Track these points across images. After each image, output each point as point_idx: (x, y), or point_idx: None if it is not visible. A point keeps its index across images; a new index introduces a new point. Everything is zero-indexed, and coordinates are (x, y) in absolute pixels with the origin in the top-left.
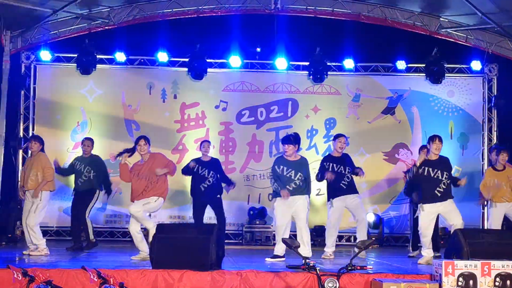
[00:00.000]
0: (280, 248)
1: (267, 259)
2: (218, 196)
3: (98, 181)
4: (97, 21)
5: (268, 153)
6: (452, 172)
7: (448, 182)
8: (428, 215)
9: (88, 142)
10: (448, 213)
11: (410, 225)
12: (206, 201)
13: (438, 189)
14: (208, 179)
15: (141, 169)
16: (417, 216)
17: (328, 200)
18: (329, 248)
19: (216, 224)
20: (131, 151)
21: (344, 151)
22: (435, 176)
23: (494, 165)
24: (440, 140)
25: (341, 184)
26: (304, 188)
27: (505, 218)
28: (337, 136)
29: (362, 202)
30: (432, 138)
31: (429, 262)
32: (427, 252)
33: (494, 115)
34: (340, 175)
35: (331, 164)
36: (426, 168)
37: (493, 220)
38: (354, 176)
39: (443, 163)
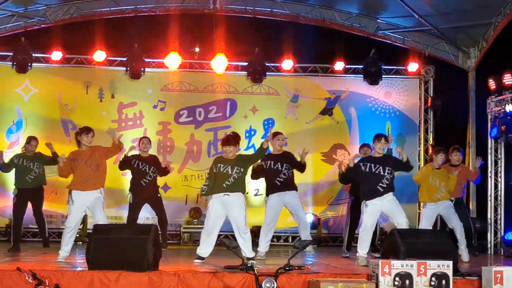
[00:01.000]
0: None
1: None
2: (159, 195)
3: (45, 177)
4: (33, 19)
5: (206, 153)
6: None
7: (391, 177)
8: (372, 213)
9: (35, 142)
10: (391, 211)
11: (346, 224)
12: (146, 198)
13: (380, 184)
14: (149, 174)
15: (84, 155)
16: (354, 217)
17: (266, 195)
18: (262, 248)
19: (154, 225)
20: None
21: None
22: (377, 172)
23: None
24: (386, 139)
25: (276, 181)
26: (242, 185)
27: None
28: (275, 134)
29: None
30: (378, 137)
31: (365, 263)
32: (364, 252)
33: (430, 117)
34: (276, 172)
35: (268, 162)
36: (368, 164)
37: (424, 220)
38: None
39: (386, 161)
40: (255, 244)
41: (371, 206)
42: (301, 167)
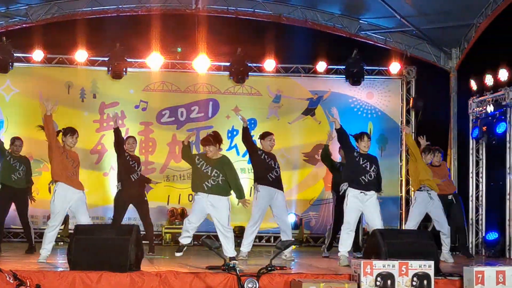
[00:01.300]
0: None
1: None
2: (145, 198)
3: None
4: (14, 19)
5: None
6: None
7: (374, 175)
8: (354, 209)
9: (19, 142)
10: (370, 213)
11: (331, 223)
12: (133, 194)
13: (363, 177)
14: (137, 172)
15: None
16: (338, 213)
17: (255, 182)
18: (245, 248)
19: (136, 225)
20: None
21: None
22: (364, 165)
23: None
24: (369, 137)
25: (269, 176)
26: (225, 188)
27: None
28: (266, 134)
29: None
30: (360, 136)
31: (347, 263)
32: (345, 251)
33: (412, 117)
34: (270, 167)
35: (263, 154)
36: (359, 156)
37: (415, 209)
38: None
39: (373, 159)
40: (237, 244)
41: (353, 201)
42: None
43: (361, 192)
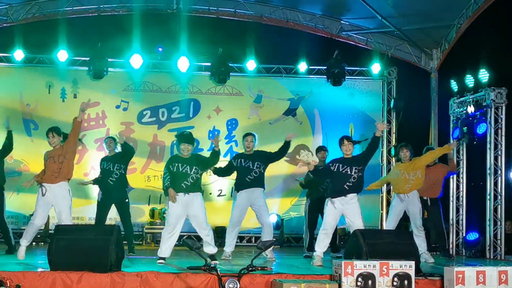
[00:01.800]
0: None
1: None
2: (127, 200)
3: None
4: None
5: (169, 154)
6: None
7: (359, 175)
8: (334, 213)
9: None
10: (351, 214)
11: (305, 225)
12: (114, 197)
13: (347, 183)
14: (115, 172)
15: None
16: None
17: (235, 190)
18: (228, 247)
19: (116, 225)
20: None
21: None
22: (344, 172)
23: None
24: (348, 139)
25: (247, 178)
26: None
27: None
28: (245, 135)
29: None
30: (340, 140)
31: (321, 263)
32: (321, 252)
33: (393, 118)
34: (247, 170)
35: (238, 160)
36: (336, 164)
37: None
38: None
39: (354, 161)
40: (219, 245)
41: (333, 206)
42: (283, 149)
43: (342, 198)
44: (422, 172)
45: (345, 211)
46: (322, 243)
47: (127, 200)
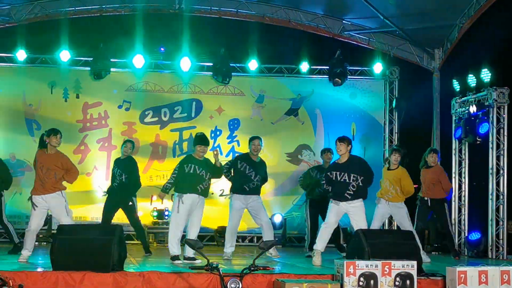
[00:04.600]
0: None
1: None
2: (130, 203)
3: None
4: None
5: (171, 154)
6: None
7: (358, 183)
8: (337, 212)
9: None
10: (354, 215)
11: (307, 225)
12: (118, 201)
13: (348, 192)
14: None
15: (48, 161)
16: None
17: (232, 192)
18: (228, 248)
19: (119, 225)
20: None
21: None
22: (342, 180)
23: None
24: (341, 141)
25: (245, 186)
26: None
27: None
28: (252, 139)
29: (266, 203)
30: (336, 141)
31: (320, 262)
32: (321, 247)
33: (395, 117)
34: (247, 178)
35: (244, 165)
36: (334, 173)
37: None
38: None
39: (351, 165)
40: (222, 245)
41: (337, 205)
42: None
43: (346, 203)
44: (402, 190)
45: (349, 211)
46: (322, 238)
47: (130, 203)
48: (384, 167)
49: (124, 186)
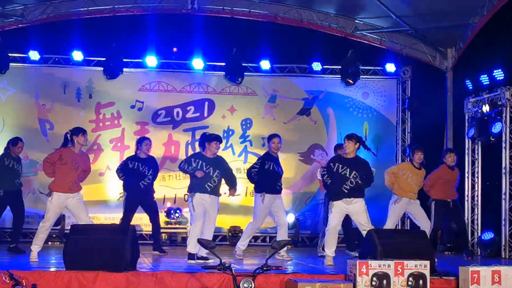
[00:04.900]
0: None
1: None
2: (154, 200)
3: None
4: (10, 19)
5: (184, 154)
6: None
7: (357, 181)
8: (338, 214)
9: (22, 143)
10: (356, 214)
11: (323, 225)
12: (142, 200)
13: (345, 186)
14: (148, 177)
15: (77, 159)
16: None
17: (259, 192)
18: (242, 246)
19: (131, 225)
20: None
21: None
22: (343, 173)
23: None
24: (349, 138)
25: (277, 186)
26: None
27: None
28: (272, 137)
29: None
30: (344, 139)
31: (331, 262)
32: (331, 252)
33: (407, 117)
34: (278, 176)
35: (271, 164)
36: (337, 164)
37: (392, 214)
38: None
39: (355, 163)
40: (234, 244)
41: (337, 207)
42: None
43: (345, 201)
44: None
45: (349, 210)
46: (330, 243)
47: (154, 200)
48: (407, 165)
49: (151, 184)
